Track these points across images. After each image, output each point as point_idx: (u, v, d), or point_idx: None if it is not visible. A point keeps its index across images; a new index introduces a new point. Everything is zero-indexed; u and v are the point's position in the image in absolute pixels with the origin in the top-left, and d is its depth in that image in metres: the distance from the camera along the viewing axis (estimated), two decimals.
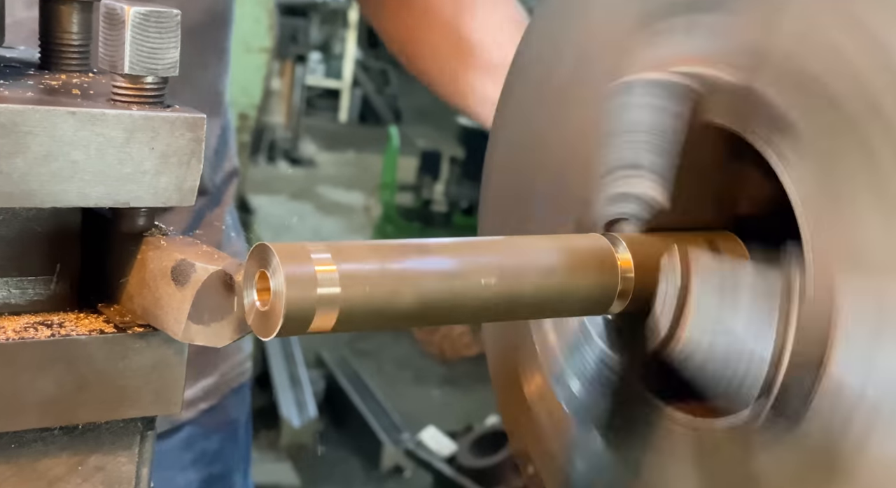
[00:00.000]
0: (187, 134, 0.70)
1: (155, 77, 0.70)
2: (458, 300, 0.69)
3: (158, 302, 0.70)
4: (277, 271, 0.62)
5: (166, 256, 0.70)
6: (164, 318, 0.69)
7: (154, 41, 0.69)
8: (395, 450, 5.53)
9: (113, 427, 0.71)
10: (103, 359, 0.69)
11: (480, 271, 0.70)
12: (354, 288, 0.64)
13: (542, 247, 0.74)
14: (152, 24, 0.68)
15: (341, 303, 0.63)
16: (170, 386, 0.71)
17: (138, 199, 0.70)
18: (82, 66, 0.78)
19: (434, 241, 0.70)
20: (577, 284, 0.74)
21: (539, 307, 0.74)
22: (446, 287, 0.69)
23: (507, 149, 0.98)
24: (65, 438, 0.69)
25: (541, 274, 0.72)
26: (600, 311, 0.77)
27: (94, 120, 0.67)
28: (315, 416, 5.65)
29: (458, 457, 5.42)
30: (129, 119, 0.68)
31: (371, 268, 0.65)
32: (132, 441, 0.72)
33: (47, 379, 0.67)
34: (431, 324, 0.70)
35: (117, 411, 0.70)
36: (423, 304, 0.68)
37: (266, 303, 0.63)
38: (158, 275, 0.70)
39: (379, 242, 0.68)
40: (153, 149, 0.69)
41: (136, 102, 0.69)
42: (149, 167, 0.69)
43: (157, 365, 0.71)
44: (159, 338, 0.71)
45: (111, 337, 0.69)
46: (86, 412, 0.69)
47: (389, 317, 0.67)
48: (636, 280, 0.76)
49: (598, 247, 0.76)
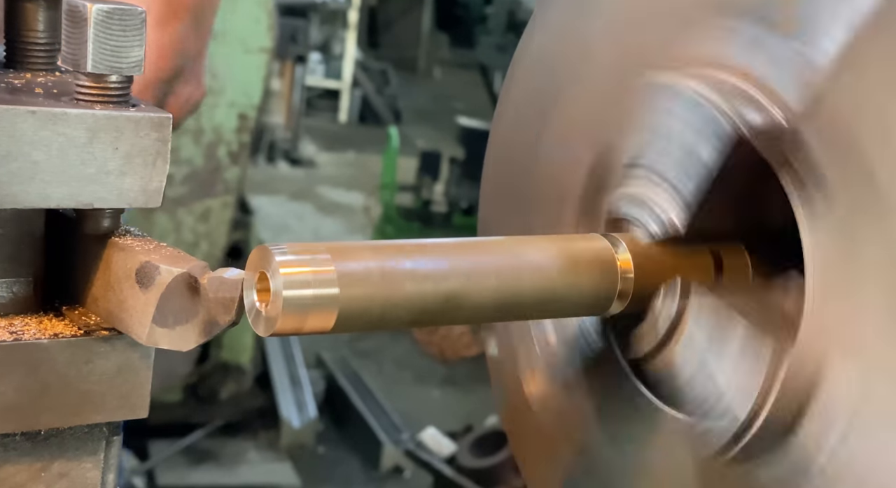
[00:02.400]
0: (153, 134, 0.69)
1: (119, 76, 0.69)
2: (458, 300, 0.69)
3: (123, 305, 0.68)
4: (277, 272, 0.62)
5: (131, 258, 0.69)
6: (128, 322, 0.68)
7: (118, 39, 0.68)
8: (394, 451, 5.51)
9: (77, 432, 0.70)
10: (66, 364, 0.68)
11: (480, 272, 0.70)
12: (353, 288, 0.64)
13: (542, 248, 0.74)
14: (116, 21, 0.67)
15: (340, 304, 0.64)
16: (135, 390, 0.70)
17: (102, 200, 0.69)
18: (48, 65, 0.77)
19: (433, 242, 0.70)
20: (576, 285, 0.74)
21: (538, 307, 0.74)
22: (445, 287, 0.68)
23: (514, 125, 0.96)
24: (27, 444, 0.68)
25: (540, 274, 0.72)
26: (600, 312, 0.77)
27: (55, 119, 0.66)
28: (315, 416, 5.64)
29: (457, 458, 5.41)
30: (91, 118, 0.67)
31: (370, 268, 0.65)
32: (97, 446, 0.71)
33: (8, 385, 0.66)
34: (430, 324, 0.70)
35: (81, 416, 0.69)
36: (422, 305, 0.68)
37: (266, 303, 0.63)
38: (123, 278, 0.69)
39: (378, 243, 0.68)
40: (117, 149, 0.68)
41: (99, 101, 0.68)
42: (113, 167, 0.68)
43: (122, 369, 0.70)
44: (124, 342, 0.69)
45: (75, 341, 0.68)
46: (48, 417, 0.67)
47: (388, 317, 0.67)
48: (636, 281, 0.75)
49: (598, 247, 0.75)
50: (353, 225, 8.75)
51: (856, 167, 0.64)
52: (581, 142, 0.85)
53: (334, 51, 11.97)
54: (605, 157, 0.82)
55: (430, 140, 10.08)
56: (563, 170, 0.88)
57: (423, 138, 10.36)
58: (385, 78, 11.99)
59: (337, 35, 11.96)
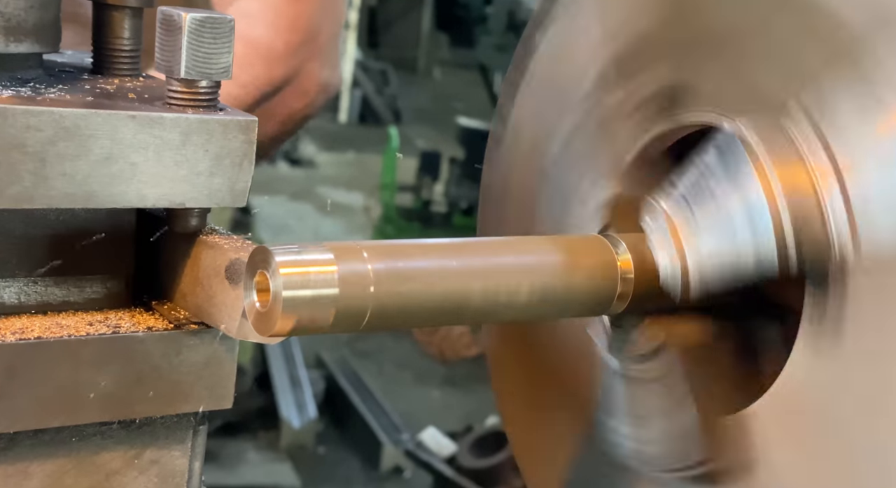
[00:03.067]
0: (240, 136, 0.72)
1: (209, 81, 0.72)
2: (458, 301, 0.70)
3: (212, 300, 0.71)
4: (276, 272, 0.62)
5: (220, 255, 0.71)
6: (217, 316, 0.71)
7: (209, 46, 0.71)
8: (394, 451, 5.52)
9: (167, 421, 0.73)
10: (159, 356, 0.71)
11: (480, 272, 0.70)
12: (353, 289, 0.65)
13: (543, 248, 0.74)
14: (207, 29, 0.70)
15: (340, 304, 0.64)
16: (221, 381, 0.73)
17: (193, 200, 0.71)
18: (133, 71, 0.80)
19: (434, 242, 0.71)
20: (577, 286, 0.74)
21: (539, 308, 0.74)
22: (445, 288, 0.69)
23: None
24: (122, 432, 0.71)
25: (541, 275, 0.73)
26: (600, 312, 0.78)
27: (152, 123, 0.69)
28: (315, 417, 5.65)
29: (458, 458, 5.42)
30: (185, 122, 0.70)
31: (370, 269, 0.66)
32: (185, 435, 0.74)
33: (107, 375, 0.69)
34: (430, 324, 0.71)
35: (172, 406, 0.72)
36: (422, 305, 0.68)
37: (265, 303, 0.64)
38: (212, 274, 0.72)
39: (378, 243, 0.68)
40: (207, 151, 0.71)
41: (191, 106, 0.71)
42: (203, 169, 0.71)
43: (209, 361, 0.73)
44: (212, 335, 0.72)
45: (167, 334, 0.71)
46: (143, 407, 0.70)
47: (387, 318, 0.67)
48: (636, 281, 0.76)
49: (598, 248, 0.76)
50: (353, 225, 8.76)
51: (877, 343, 0.65)
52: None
53: None
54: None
55: (430, 140, 10.09)
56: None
57: (423, 138, 10.37)
58: (385, 78, 11.99)
59: None
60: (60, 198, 0.67)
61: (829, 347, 0.67)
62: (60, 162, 0.66)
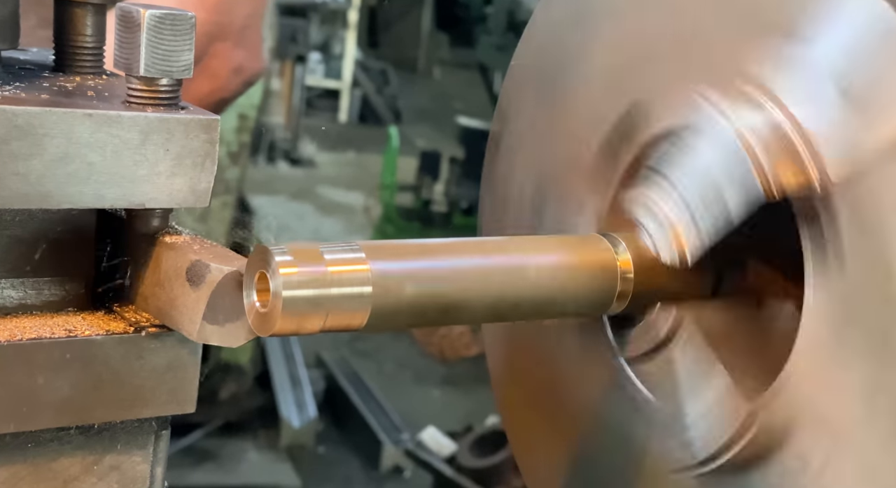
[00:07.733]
0: (202, 135, 0.71)
1: (170, 79, 0.70)
2: (457, 302, 0.69)
3: (173, 302, 0.70)
4: (276, 272, 0.62)
5: (181, 257, 0.70)
6: (178, 319, 0.70)
7: (169, 43, 0.69)
8: (394, 451, 5.52)
9: (128, 426, 0.72)
10: (119, 359, 0.69)
11: (480, 272, 0.70)
12: (353, 289, 0.65)
13: (543, 248, 0.74)
14: (167, 26, 0.69)
15: (339, 304, 0.64)
16: (184, 385, 0.72)
17: (153, 201, 0.70)
18: (96, 69, 0.79)
19: (434, 242, 0.71)
20: (577, 285, 0.74)
21: (539, 307, 0.74)
22: (445, 289, 0.69)
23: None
24: (81, 438, 0.70)
25: (541, 274, 0.72)
26: (600, 312, 0.78)
27: (110, 122, 0.68)
28: (315, 416, 5.65)
29: (458, 458, 5.41)
30: (144, 121, 0.69)
31: (370, 269, 0.66)
32: (147, 440, 0.73)
33: (64, 379, 0.67)
34: (430, 324, 0.71)
35: (132, 411, 0.70)
36: (422, 305, 0.68)
37: (265, 303, 0.64)
38: (173, 276, 0.70)
39: (376, 243, 0.68)
40: (168, 150, 0.70)
41: (150, 104, 0.70)
42: (163, 169, 0.70)
43: (171, 365, 0.71)
44: (174, 339, 0.71)
45: (126, 337, 0.70)
46: (102, 412, 0.69)
47: (386, 318, 0.67)
48: (636, 281, 0.76)
49: (598, 247, 0.76)
50: (353, 225, 8.75)
51: (876, 251, 0.65)
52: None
53: (334, 50, 11.97)
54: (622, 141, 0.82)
55: (430, 140, 10.09)
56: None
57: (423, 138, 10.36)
58: (385, 78, 11.99)
59: (337, 35, 11.96)
60: (14, 199, 0.66)
61: (837, 277, 0.67)
62: (13, 161, 0.65)
